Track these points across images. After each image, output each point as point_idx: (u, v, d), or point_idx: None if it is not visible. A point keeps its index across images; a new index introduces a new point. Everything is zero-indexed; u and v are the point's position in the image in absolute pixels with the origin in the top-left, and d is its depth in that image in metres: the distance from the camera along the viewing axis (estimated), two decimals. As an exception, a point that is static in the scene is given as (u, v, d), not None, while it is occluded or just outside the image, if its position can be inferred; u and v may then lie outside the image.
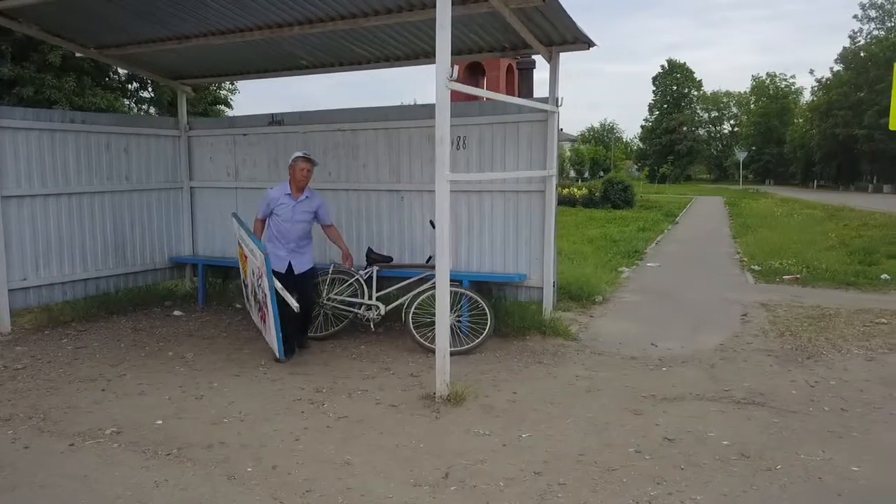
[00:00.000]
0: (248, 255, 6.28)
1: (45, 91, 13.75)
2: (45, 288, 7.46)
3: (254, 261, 6.06)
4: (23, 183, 7.16)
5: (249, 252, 6.18)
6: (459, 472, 3.97)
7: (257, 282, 6.08)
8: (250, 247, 6.09)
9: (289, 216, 6.29)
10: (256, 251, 5.92)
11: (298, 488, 3.76)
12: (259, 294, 6.12)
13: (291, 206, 6.31)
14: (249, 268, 6.32)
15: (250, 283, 6.45)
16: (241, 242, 6.46)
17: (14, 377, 5.73)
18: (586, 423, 4.75)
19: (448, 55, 4.74)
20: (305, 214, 6.40)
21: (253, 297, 6.46)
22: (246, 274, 6.56)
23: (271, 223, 6.37)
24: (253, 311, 6.63)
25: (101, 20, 7.07)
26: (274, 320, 5.84)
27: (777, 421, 4.81)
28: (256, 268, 6.02)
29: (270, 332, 6.05)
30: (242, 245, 6.41)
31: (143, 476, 3.91)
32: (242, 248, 6.43)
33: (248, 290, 6.69)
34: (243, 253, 6.46)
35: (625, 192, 28.61)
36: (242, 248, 6.43)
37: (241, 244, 6.44)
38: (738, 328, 7.53)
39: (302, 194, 6.37)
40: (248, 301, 6.75)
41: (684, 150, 69.72)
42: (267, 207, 6.36)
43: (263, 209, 6.40)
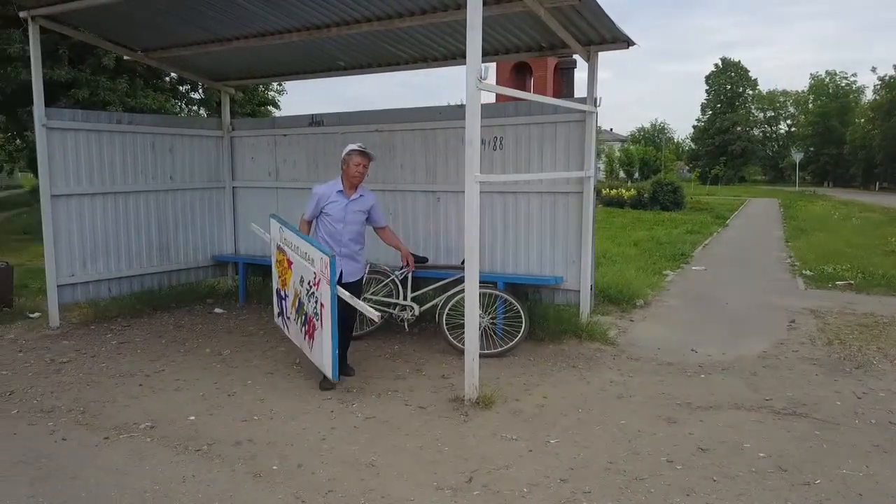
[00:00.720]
0: (293, 261, 5.61)
1: (100, 93, 14.18)
2: (91, 284, 7.68)
3: (306, 267, 5.37)
4: (71, 182, 7.39)
5: (300, 257, 5.49)
6: (483, 476, 3.93)
7: (308, 291, 5.39)
8: (304, 250, 5.42)
9: (340, 216, 5.66)
10: (316, 255, 5.23)
11: (321, 488, 3.77)
12: (310, 305, 5.38)
13: (343, 205, 5.67)
14: (295, 276, 5.61)
15: (293, 294, 5.71)
16: (281, 246, 5.84)
17: (59, 370, 5.91)
18: (617, 430, 4.65)
19: (479, 56, 4.69)
20: (359, 215, 5.79)
21: (295, 310, 5.71)
22: (286, 283, 5.84)
23: (320, 225, 5.75)
24: (291, 325, 5.84)
25: (147, 24, 7.24)
26: (332, 336, 5.08)
27: (819, 433, 4.63)
28: (312, 275, 5.28)
29: (323, 350, 5.23)
30: (285, 249, 5.77)
31: (171, 471, 3.98)
32: (285, 252, 5.78)
33: (285, 302, 5.92)
34: (285, 258, 5.80)
35: (674, 193, 28.03)
36: (285, 252, 5.78)
37: (283, 248, 5.80)
38: (784, 335, 7.28)
39: (355, 192, 5.75)
40: (285, 314, 5.99)
41: (738, 150, 68.05)
42: (316, 206, 5.71)
43: (312, 208, 5.73)
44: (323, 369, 5.31)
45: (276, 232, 5.94)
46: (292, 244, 5.62)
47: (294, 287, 5.66)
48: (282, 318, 6.09)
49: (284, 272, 5.83)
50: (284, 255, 5.78)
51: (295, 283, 5.63)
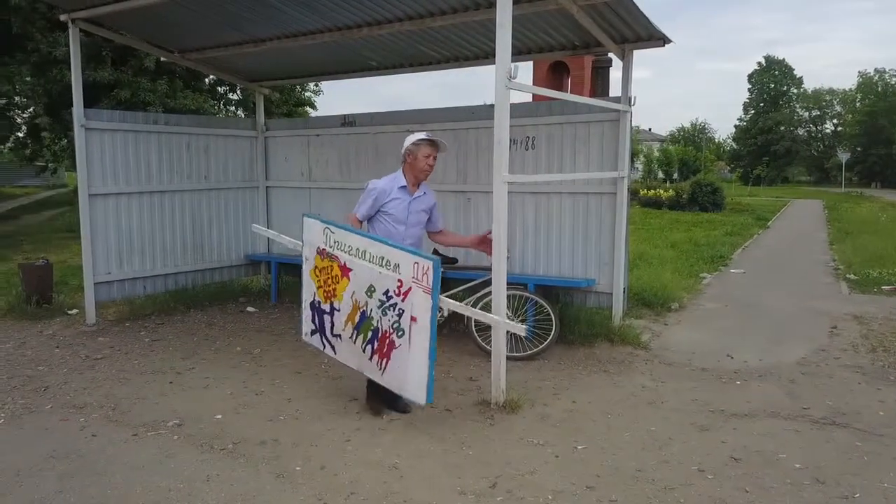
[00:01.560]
0: (353, 268, 4.75)
1: (140, 94, 14.44)
2: (127, 282, 7.81)
3: (383, 274, 4.58)
4: (108, 182, 7.52)
5: (369, 263, 4.65)
6: (507, 481, 3.86)
7: (382, 303, 4.60)
8: (377, 254, 4.61)
9: (403, 216, 4.93)
10: (403, 259, 4.48)
11: (343, 490, 3.75)
12: (386, 320, 4.59)
13: (407, 204, 4.94)
14: (355, 285, 4.76)
15: (348, 307, 4.82)
16: (328, 251, 4.92)
17: (93, 367, 6.01)
18: (646, 436, 4.54)
19: (508, 55, 4.63)
20: (422, 215, 5.08)
21: (353, 327, 4.81)
22: (334, 295, 4.90)
23: (376, 226, 4.95)
24: (343, 344, 4.93)
25: (183, 26, 7.35)
26: (430, 354, 4.38)
27: (860, 444, 4.45)
28: (396, 283, 4.51)
29: (409, 370, 4.49)
30: (337, 255, 4.86)
31: (196, 469, 3.99)
32: (336, 258, 4.86)
33: (330, 318, 4.97)
34: (334, 265, 4.87)
35: (714, 194, 27.47)
36: (336, 258, 4.86)
37: (332, 254, 4.90)
38: (825, 341, 7.05)
39: (419, 189, 5.06)
40: (328, 332, 5.02)
41: (781, 150, 66.48)
42: (373, 204, 4.89)
43: (367, 206, 4.90)
44: (404, 392, 4.62)
45: (315, 234, 5.02)
46: (353, 248, 4.74)
47: (352, 299, 4.77)
48: (319, 336, 5.11)
49: (333, 282, 4.89)
50: (334, 262, 4.85)
51: (354, 293, 4.76)
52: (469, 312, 4.98)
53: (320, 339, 5.12)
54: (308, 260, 5.11)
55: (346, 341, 4.90)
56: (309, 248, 5.10)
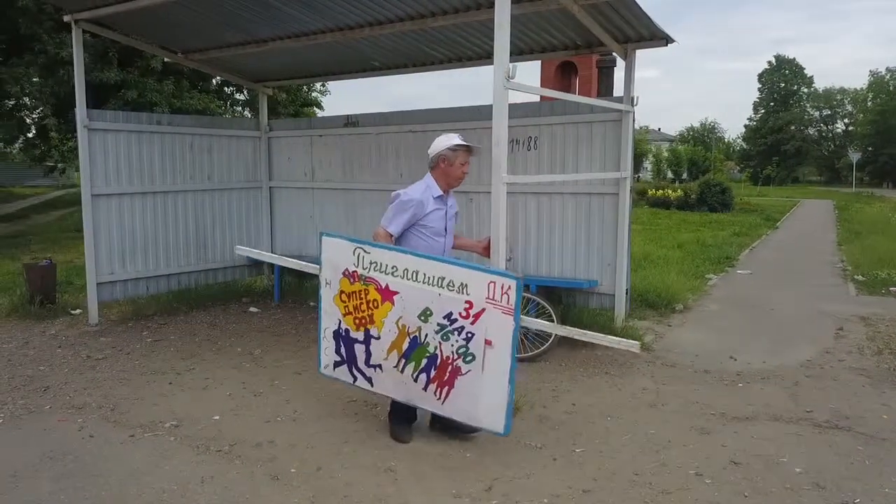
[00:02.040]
0: (399, 291, 4.23)
1: (147, 94, 14.49)
2: (130, 282, 7.82)
3: (444, 296, 4.12)
4: (111, 182, 7.53)
5: (423, 284, 4.16)
6: (503, 485, 3.83)
7: (443, 327, 4.16)
8: (436, 274, 4.13)
9: (441, 227, 4.46)
10: (474, 279, 4.06)
11: (337, 492, 3.73)
12: (448, 345, 4.16)
13: (443, 213, 4.48)
14: (402, 309, 4.25)
15: (392, 334, 4.31)
16: (362, 275, 4.32)
17: (94, 367, 6.02)
18: (645, 440, 4.50)
19: (506, 55, 4.60)
20: (453, 223, 4.67)
21: (401, 356, 4.31)
22: (370, 321, 4.36)
23: (409, 241, 4.40)
24: (387, 375, 4.38)
25: (186, 27, 7.35)
26: (510, 379, 4.05)
27: (862, 449, 4.40)
28: (463, 305, 4.08)
29: (482, 399, 4.11)
30: (375, 278, 4.29)
31: (191, 471, 3.98)
32: (373, 281, 4.29)
33: (365, 347, 4.42)
34: (370, 289, 4.31)
35: (722, 194, 27.33)
36: (373, 281, 4.29)
37: (369, 277, 4.31)
38: (831, 343, 6.99)
39: (449, 195, 4.62)
40: (361, 362, 4.46)
41: (792, 150, 66.10)
42: (411, 218, 4.34)
43: (404, 220, 4.33)
44: (474, 422, 4.23)
45: (341, 255, 4.40)
46: (398, 268, 4.22)
47: (398, 325, 4.28)
48: (347, 368, 4.52)
49: (368, 307, 4.35)
50: (370, 285, 4.31)
51: (401, 318, 4.26)
52: (562, 331, 4.50)
53: (348, 371, 4.53)
54: (329, 284, 4.47)
55: (390, 371, 4.37)
56: (331, 270, 4.44)
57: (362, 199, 8.41)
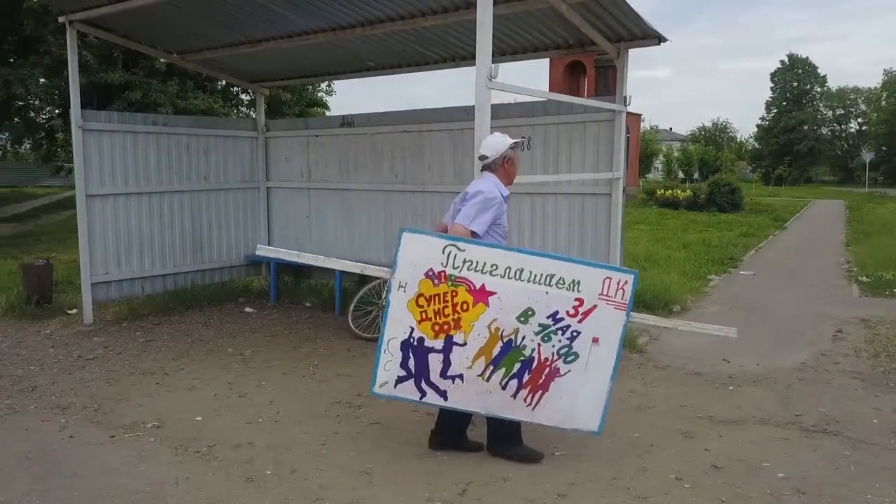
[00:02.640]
0: (496, 291, 3.92)
1: (152, 94, 14.55)
2: (125, 282, 7.85)
3: (550, 294, 3.94)
4: (106, 182, 7.56)
5: (528, 283, 3.92)
6: (479, 489, 3.80)
7: (546, 328, 3.98)
8: (543, 272, 3.93)
9: (506, 227, 4.32)
10: (588, 275, 3.97)
11: (310, 495, 3.71)
12: (549, 347, 4.00)
13: (506, 211, 4.32)
14: (496, 312, 3.94)
15: (481, 339, 3.98)
16: (452, 275, 3.90)
17: (84, 367, 6.04)
18: (628, 443, 4.45)
19: (489, 55, 4.55)
20: None
21: (489, 363, 4.00)
22: (455, 326, 3.95)
23: (485, 240, 4.08)
24: (469, 384, 4.01)
25: (180, 27, 7.36)
26: (612, 376, 4.05)
27: (848, 454, 4.33)
28: (572, 303, 3.95)
29: (580, 398, 4.08)
30: (469, 279, 3.91)
31: (168, 472, 3.98)
32: (466, 282, 3.91)
33: (441, 357, 3.99)
34: (460, 290, 3.91)
35: (732, 194, 27.16)
36: (466, 282, 3.91)
37: (459, 278, 3.91)
38: (828, 346, 6.90)
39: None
40: (430, 377, 4.01)
41: (804, 150, 65.48)
42: (493, 217, 4.09)
43: (489, 218, 4.06)
44: (570, 423, 4.14)
45: (428, 253, 3.91)
46: (499, 266, 3.92)
47: (490, 328, 3.97)
48: (414, 384, 4.02)
49: (456, 311, 3.95)
50: (460, 286, 3.93)
51: (495, 321, 3.97)
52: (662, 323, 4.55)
53: (415, 386, 4.02)
54: (404, 287, 3.93)
55: (473, 381, 4.01)
56: (409, 271, 3.92)
57: (358, 199, 8.40)
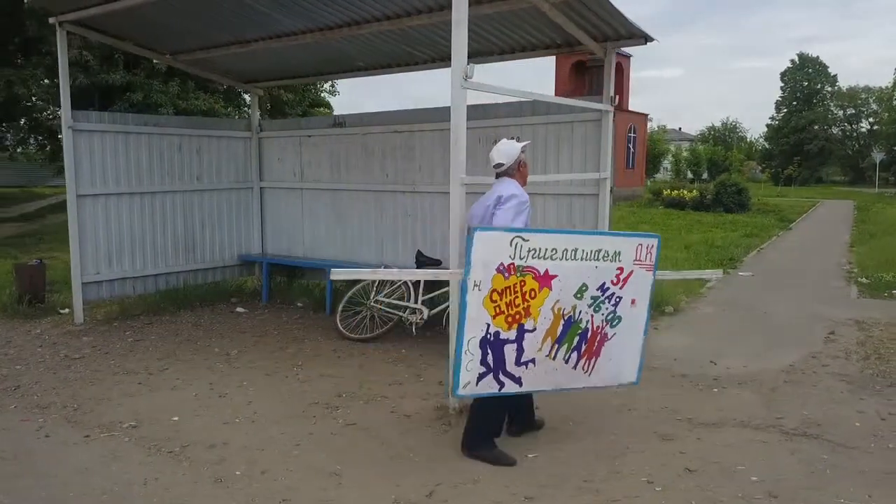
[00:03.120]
0: (557, 274, 4.08)
1: (153, 95, 14.63)
2: (117, 282, 7.88)
3: (598, 269, 4.20)
4: (97, 183, 7.59)
5: (580, 262, 4.13)
6: (447, 490, 3.78)
7: (597, 300, 4.26)
8: (590, 248, 4.15)
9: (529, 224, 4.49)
10: (625, 245, 4.27)
11: (277, 496, 3.70)
12: (600, 316, 4.29)
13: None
14: (558, 294, 4.12)
15: (547, 323, 4.15)
16: (520, 266, 3.99)
17: (69, 366, 6.06)
18: (604, 445, 4.42)
19: (464, 54, 4.55)
20: None
21: (553, 342, 4.19)
22: (527, 314, 4.07)
23: None
24: (539, 366, 4.19)
25: (168, 28, 7.38)
26: (645, 330, 4.46)
27: (826, 457, 4.28)
28: (614, 272, 4.25)
29: (622, 356, 4.44)
30: (534, 267, 4.04)
31: (138, 472, 3.98)
32: (532, 270, 4.03)
33: (515, 346, 4.09)
34: (527, 279, 4.02)
35: (738, 194, 26.99)
36: (532, 270, 4.03)
37: (526, 268, 4.02)
38: (819, 348, 6.83)
39: None
40: (506, 367, 4.10)
41: (815, 150, 64.94)
42: (526, 218, 4.29)
43: (523, 220, 4.25)
44: (619, 380, 4.51)
45: (498, 249, 3.95)
46: (559, 250, 4.08)
47: (553, 310, 4.15)
48: (493, 378, 4.07)
49: (525, 300, 4.07)
50: (527, 275, 4.04)
51: (558, 302, 4.15)
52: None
53: (494, 379, 4.07)
54: (479, 286, 3.91)
55: (542, 362, 4.19)
56: (482, 269, 3.91)
57: (349, 199, 8.40)
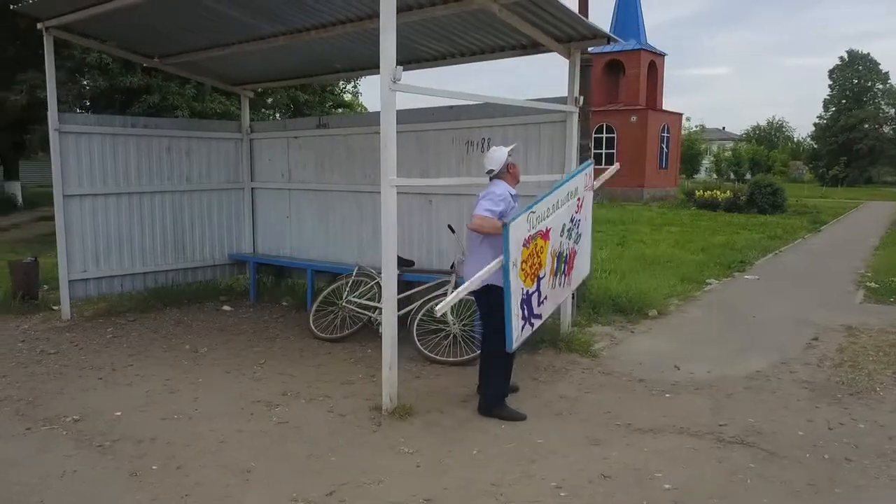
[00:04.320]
0: (552, 227, 5.01)
1: (169, 98, 14.99)
2: (104, 280, 8.10)
3: (571, 205, 5.25)
4: (84, 183, 7.82)
5: (564, 207, 5.16)
6: (348, 490, 3.80)
7: (569, 230, 5.30)
8: (565, 193, 5.17)
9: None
10: (580, 179, 5.41)
11: (182, 492, 3.78)
12: (570, 241, 5.32)
13: (516, 206, 5.02)
14: (553, 241, 5.06)
15: (549, 267, 5.06)
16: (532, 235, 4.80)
17: (40, 361, 6.26)
18: (529, 449, 4.38)
19: (393, 58, 4.57)
20: None
21: (553, 276, 5.11)
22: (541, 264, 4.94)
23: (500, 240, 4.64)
24: (547, 302, 5.12)
25: (152, 31, 7.55)
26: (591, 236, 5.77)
27: (753, 466, 4.17)
28: (577, 204, 5.34)
29: (581, 263, 5.65)
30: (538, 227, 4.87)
31: (60, 465, 4.10)
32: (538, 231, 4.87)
33: (537, 293, 4.94)
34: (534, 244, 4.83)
35: (774, 195, 26.24)
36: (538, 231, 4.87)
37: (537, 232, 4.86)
38: (794, 354, 6.64)
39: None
40: (534, 310, 4.94)
41: (864, 149, 62.76)
42: (504, 209, 4.83)
43: (501, 209, 4.81)
44: (580, 280, 5.86)
45: (520, 231, 4.67)
46: (551, 205, 5.01)
47: (552, 253, 5.09)
48: (528, 322, 4.90)
49: (538, 256, 4.92)
50: (538, 239, 4.89)
51: (553, 246, 5.09)
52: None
53: (529, 326, 4.95)
54: (516, 265, 4.63)
55: (549, 294, 5.17)
56: (515, 249, 4.61)
57: (332, 199, 8.49)
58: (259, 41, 7.33)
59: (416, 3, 5.91)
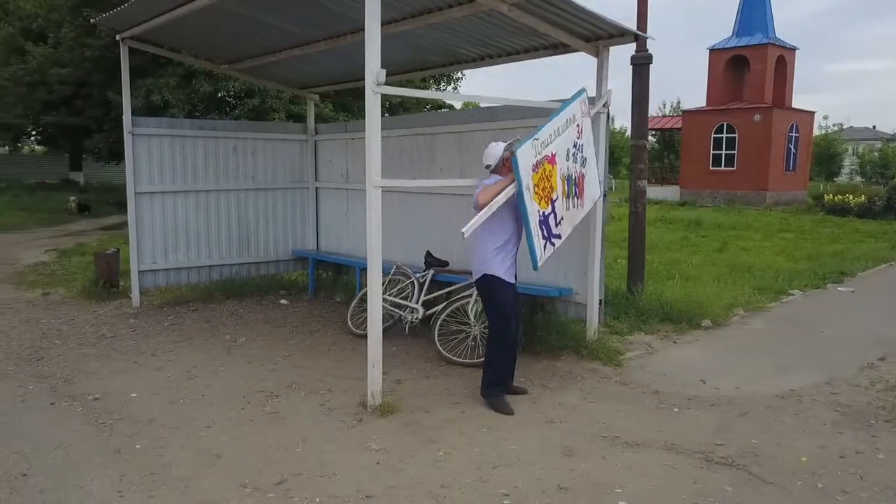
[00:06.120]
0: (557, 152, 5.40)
1: (268, 101, 15.83)
2: (172, 271, 8.72)
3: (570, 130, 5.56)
4: (155, 181, 8.46)
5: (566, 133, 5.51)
6: (298, 481, 3.92)
7: (574, 154, 5.63)
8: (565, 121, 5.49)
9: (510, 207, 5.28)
10: (576, 106, 5.63)
11: (150, 469, 4.04)
12: (578, 164, 5.66)
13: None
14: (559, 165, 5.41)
15: (560, 189, 5.44)
16: (538, 162, 5.19)
17: (95, 344, 6.84)
18: (496, 455, 4.31)
19: (377, 61, 4.65)
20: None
21: (565, 197, 5.50)
22: (553, 187, 5.32)
23: (502, 213, 5.12)
24: (564, 223, 5.49)
25: (218, 39, 8.03)
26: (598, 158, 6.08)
27: (729, 489, 3.90)
28: (577, 129, 5.64)
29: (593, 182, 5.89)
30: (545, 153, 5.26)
31: (62, 438, 4.49)
32: (545, 157, 5.26)
33: (553, 214, 5.35)
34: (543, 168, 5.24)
35: (916, 200, 23.89)
36: (545, 157, 5.26)
37: (543, 158, 5.25)
38: (846, 374, 6.09)
39: None
40: (552, 230, 5.36)
41: None
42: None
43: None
44: (593, 201, 5.97)
45: (528, 156, 5.11)
46: (553, 133, 5.37)
47: (561, 177, 5.43)
48: (549, 241, 5.33)
49: (549, 180, 5.29)
50: (546, 164, 5.27)
51: (561, 170, 5.43)
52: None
53: (550, 244, 5.34)
54: (528, 189, 5.07)
55: (565, 216, 5.51)
56: (526, 174, 5.06)
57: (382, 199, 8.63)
58: (304, 47, 7.62)
59: (435, 6, 5.94)
